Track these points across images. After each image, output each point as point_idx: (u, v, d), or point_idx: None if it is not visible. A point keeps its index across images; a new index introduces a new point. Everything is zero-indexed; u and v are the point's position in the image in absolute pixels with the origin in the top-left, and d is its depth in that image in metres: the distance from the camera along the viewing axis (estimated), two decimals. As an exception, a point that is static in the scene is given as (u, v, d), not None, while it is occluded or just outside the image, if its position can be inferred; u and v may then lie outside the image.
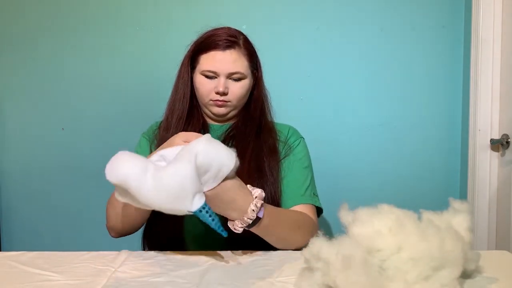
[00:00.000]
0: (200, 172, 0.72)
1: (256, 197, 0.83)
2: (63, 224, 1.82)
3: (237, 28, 1.13)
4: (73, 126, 1.79)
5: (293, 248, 0.94)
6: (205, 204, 0.73)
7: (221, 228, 0.76)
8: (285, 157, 1.11)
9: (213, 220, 0.74)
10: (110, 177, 0.69)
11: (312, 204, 1.07)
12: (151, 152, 1.13)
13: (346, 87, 1.72)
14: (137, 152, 1.16)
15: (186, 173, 0.70)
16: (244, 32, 1.13)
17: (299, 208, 1.05)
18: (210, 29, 1.12)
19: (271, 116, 1.20)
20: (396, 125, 1.73)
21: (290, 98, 1.72)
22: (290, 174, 1.10)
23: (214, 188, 0.76)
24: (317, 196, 1.12)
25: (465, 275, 0.72)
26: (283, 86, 1.70)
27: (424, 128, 1.72)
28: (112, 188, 0.73)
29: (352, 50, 1.71)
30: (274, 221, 0.89)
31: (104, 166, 0.69)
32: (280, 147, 1.13)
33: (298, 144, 1.15)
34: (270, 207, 0.90)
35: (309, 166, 1.15)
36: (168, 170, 0.70)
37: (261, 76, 1.17)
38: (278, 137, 1.14)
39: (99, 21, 1.75)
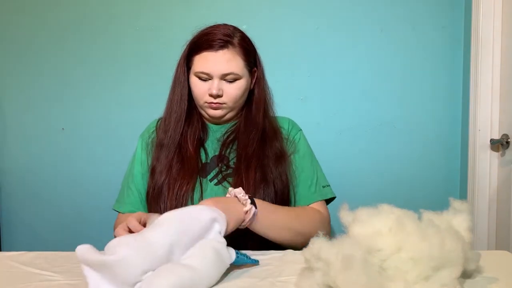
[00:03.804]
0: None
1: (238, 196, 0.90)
2: (63, 224, 1.81)
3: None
4: (73, 126, 1.79)
5: (302, 239, 0.96)
6: (236, 251, 0.77)
7: (251, 259, 0.80)
8: (291, 154, 1.11)
9: (246, 257, 0.79)
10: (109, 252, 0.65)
11: (321, 200, 1.10)
12: (147, 159, 1.12)
13: (346, 87, 1.72)
14: (134, 155, 1.16)
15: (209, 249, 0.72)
16: (244, 32, 1.10)
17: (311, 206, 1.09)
18: (205, 27, 1.07)
19: (273, 112, 1.17)
20: (396, 125, 1.73)
21: (290, 98, 1.72)
22: (300, 174, 1.10)
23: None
24: (327, 185, 1.13)
25: (465, 275, 0.72)
26: (283, 86, 1.69)
27: (424, 128, 1.72)
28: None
29: (352, 50, 1.71)
30: (268, 208, 0.96)
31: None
32: (284, 143, 1.12)
33: (300, 139, 1.15)
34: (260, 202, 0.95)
35: (313, 158, 1.15)
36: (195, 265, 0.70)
37: (262, 74, 1.13)
38: (282, 135, 1.13)
39: (99, 21, 1.75)
